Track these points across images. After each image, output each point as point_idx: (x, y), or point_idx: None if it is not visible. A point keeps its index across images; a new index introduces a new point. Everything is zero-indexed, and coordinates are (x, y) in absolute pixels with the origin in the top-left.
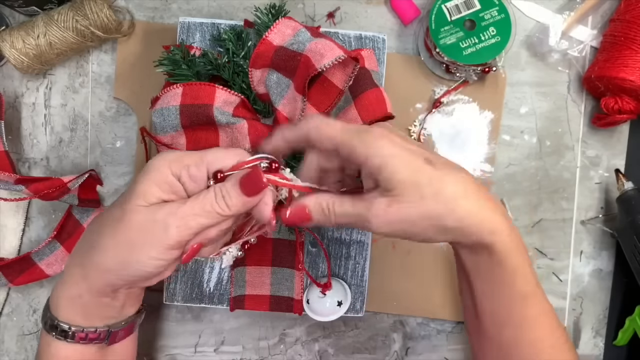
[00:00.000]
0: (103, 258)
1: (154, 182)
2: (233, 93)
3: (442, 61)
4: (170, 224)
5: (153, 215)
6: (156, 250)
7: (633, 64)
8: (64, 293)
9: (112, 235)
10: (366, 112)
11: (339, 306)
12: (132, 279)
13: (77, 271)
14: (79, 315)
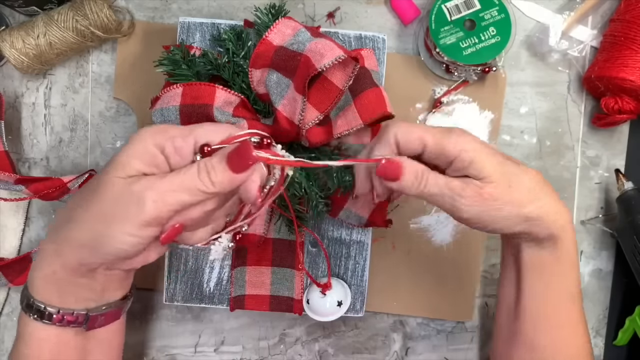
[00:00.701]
0: (76, 232)
1: (135, 153)
2: (233, 93)
3: (442, 61)
4: (147, 197)
5: (129, 187)
6: (130, 225)
7: (633, 64)
8: (38, 271)
9: (86, 207)
10: (366, 111)
11: (339, 306)
12: (107, 256)
13: (50, 247)
14: (54, 294)
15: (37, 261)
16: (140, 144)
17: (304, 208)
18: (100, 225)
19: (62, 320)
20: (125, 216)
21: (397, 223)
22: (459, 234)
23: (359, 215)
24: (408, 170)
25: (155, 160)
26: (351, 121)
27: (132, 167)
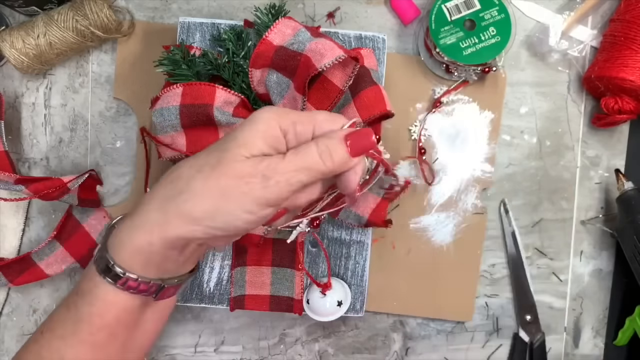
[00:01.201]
0: (191, 205)
1: (261, 134)
2: (233, 93)
3: (442, 61)
4: (271, 177)
5: (254, 166)
6: (251, 203)
7: (633, 64)
8: (132, 238)
9: (205, 181)
10: (365, 109)
11: (339, 306)
12: (215, 231)
13: (155, 217)
14: (139, 264)
15: (132, 226)
16: (265, 125)
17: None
18: (220, 201)
19: (135, 287)
20: (247, 194)
21: (397, 223)
22: (459, 234)
23: (359, 215)
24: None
25: (277, 142)
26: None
27: (256, 147)
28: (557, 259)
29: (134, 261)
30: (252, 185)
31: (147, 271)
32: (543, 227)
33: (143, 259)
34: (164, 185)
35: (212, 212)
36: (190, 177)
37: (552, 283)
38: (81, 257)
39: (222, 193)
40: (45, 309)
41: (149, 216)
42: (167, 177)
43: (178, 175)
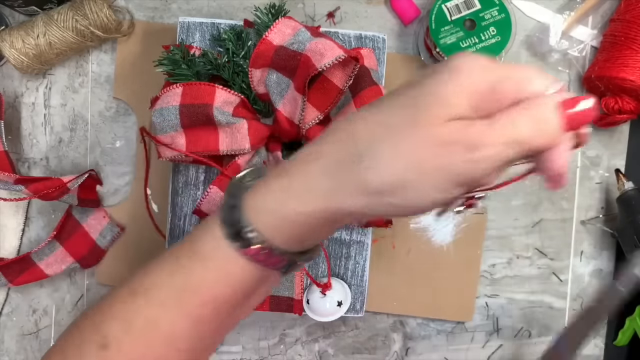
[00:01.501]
0: (374, 174)
1: (466, 89)
2: (233, 93)
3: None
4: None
5: (460, 132)
6: (449, 180)
7: (633, 64)
8: (286, 205)
9: (396, 146)
10: None
11: (339, 306)
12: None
13: (322, 184)
14: (282, 234)
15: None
16: (471, 79)
17: None
18: (410, 173)
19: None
20: (446, 168)
21: (397, 223)
22: (459, 234)
23: None
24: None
25: (481, 102)
26: None
27: (460, 106)
28: (557, 259)
29: (278, 231)
30: (454, 157)
31: (287, 243)
32: (543, 227)
33: (290, 230)
34: (334, 143)
35: (399, 186)
36: (374, 139)
37: (552, 283)
38: (81, 257)
39: (415, 163)
40: (44, 309)
41: (313, 182)
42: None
43: (354, 132)
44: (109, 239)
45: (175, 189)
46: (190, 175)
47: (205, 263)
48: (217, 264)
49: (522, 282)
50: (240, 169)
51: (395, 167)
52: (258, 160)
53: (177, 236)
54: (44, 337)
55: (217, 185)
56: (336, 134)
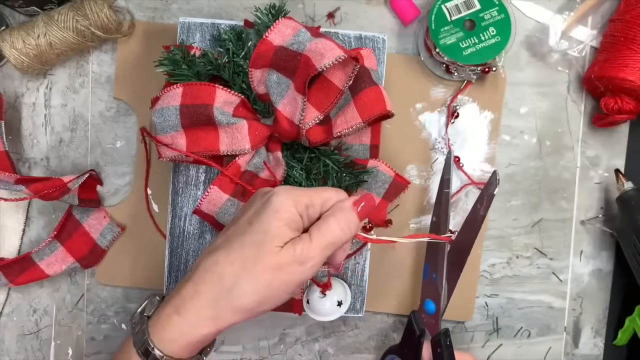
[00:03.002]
0: (241, 301)
1: (286, 223)
2: (233, 93)
3: (442, 61)
4: (306, 262)
5: (290, 256)
6: (294, 288)
7: (633, 64)
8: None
9: (251, 277)
10: (365, 109)
11: (339, 306)
12: (261, 313)
13: (208, 313)
14: (186, 350)
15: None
16: (287, 214)
17: None
18: (267, 292)
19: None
20: (289, 281)
21: (397, 223)
22: None
23: None
24: None
25: (298, 225)
26: (350, 120)
27: (286, 235)
28: (557, 259)
29: (182, 351)
30: (292, 273)
31: (190, 354)
32: (543, 227)
33: (190, 347)
34: (207, 284)
35: (261, 301)
36: (237, 275)
37: (552, 283)
38: (81, 257)
39: (268, 287)
40: (45, 309)
41: (201, 313)
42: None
43: (221, 273)
44: (109, 239)
45: (175, 189)
46: (191, 175)
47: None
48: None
49: (522, 281)
50: (241, 169)
51: (255, 292)
52: (258, 160)
53: (177, 236)
54: (45, 337)
55: (218, 185)
56: (207, 276)
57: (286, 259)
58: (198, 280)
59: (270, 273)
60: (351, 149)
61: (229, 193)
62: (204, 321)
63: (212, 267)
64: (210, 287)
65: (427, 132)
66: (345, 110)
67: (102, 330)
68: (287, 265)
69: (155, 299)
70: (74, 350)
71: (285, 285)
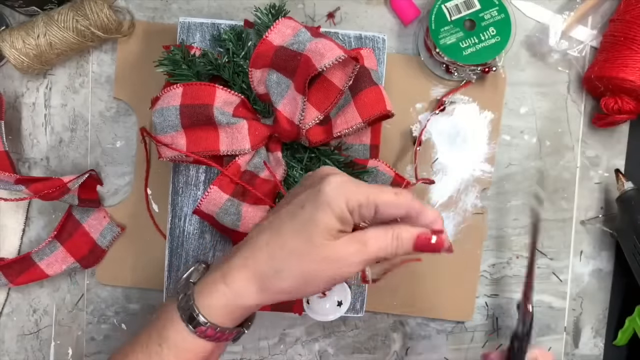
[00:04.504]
0: (286, 284)
1: (335, 216)
2: (233, 93)
3: (442, 61)
4: (356, 262)
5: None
6: (337, 281)
7: (633, 64)
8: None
9: (298, 266)
10: (365, 109)
11: (339, 306)
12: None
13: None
14: (229, 320)
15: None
16: (338, 209)
17: None
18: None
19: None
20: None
21: None
22: (459, 234)
23: None
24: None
25: (348, 221)
26: (350, 120)
27: (335, 228)
28: (557, 259)
29: (227, 319)
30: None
31: (233, 323)
32: (543, 227)
33: (234, 316)
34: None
35: (302, 287)
36: (284, 259)
37: (552, 283)
38: (81, 257)
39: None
40: (45, 309)
41: (247, 284)
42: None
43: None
44: (109, 239)
45: (175, 188)
46: (191, 175)
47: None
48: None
49: (522, 281)
50: (241, 169)
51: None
52: (258, 160)
53: (177, 236)
54: (45, 337)
55: (218, 185)
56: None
57: (336, 253)
58: (248, 254)
59: (316, 264)
60: (351, 149)
61: (229, 193)
62: (249, 292)
63: (264, 246)
64: (259, 264)
65: (427, 132)
66: (345, 110)
67: (102, 330)
68: (337, 258)
69: (201, 266)
70: (74, 350)
71: (326, 279)
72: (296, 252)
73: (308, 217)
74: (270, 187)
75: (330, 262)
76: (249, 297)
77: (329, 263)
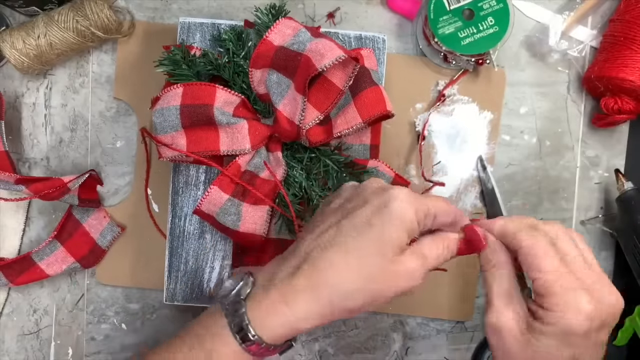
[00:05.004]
0: (352, 304)
1: (406, 231)
2: (233, 93)
3: (440, 50)
4: (419, 275)
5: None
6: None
7: (633, 64)
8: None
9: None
10: (365, 110)
11: None
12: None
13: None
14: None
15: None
16: (410, 224)
17: (303, 208)
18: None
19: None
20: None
21: None
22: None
23: None
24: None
25: (415, 234)
26: (350, 120)
27: (404, 242)
28: None
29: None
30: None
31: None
32: None
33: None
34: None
35: (367, 306)
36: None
37: None
38: (81, 257)
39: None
40: (45, 309)
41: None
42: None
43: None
44: (109, 239)
45: (175, 188)
46: (191, 175)
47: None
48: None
49: None
50: (241, 169)
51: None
52: (258, 160)
53: (177, 236)
54: (45, 337)
55: (218, 185)
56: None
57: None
58: (311, 274)
59: (385, 281)
60: (351, 149)
61: (229, 193)
62: (312, 316)
63: (329, 266)
64: (325, 287)
65: (427, 132)
66: (346, 111)
67: (102, 330)
68: (400, 277)
69: (249, 279)
70: (74, 350)
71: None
72: (368, 272)
73: (379, 234)
74: (270, 187)
75: (399, 278)
76: (310, 320)
77: (397, 279)
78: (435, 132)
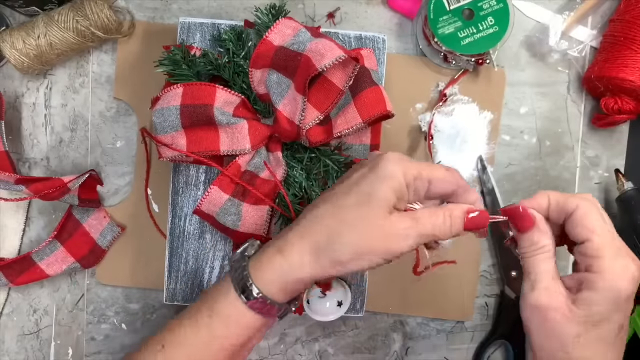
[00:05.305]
0: (340, 254)
1: (392, 189)
2: (233, 93)
3: (440, 50)
4: (409, 236)
5: (397, 225)
6: (390, 255)
7: (633, 64)
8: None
9: (355, 238)
10: (365, 110)
11: (339, 306)
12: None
13: (308, 260)
14: (279, 293)
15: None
16: (395, 181)
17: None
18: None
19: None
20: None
21: None
22: None
23: None
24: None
25: (403, 195)
26: (350, 120)
27: (391, 201)
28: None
29: (280, 292)
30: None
31: (284, 298)
32: None
33: (287, 290)
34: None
35: (356, 260)
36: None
37: None
38: (81, 257)
39: (367, 248)
40: (45, 309)
41: (303, 257)
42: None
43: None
44: (109, 238)
45: (175, 188)
46: (191, 175)
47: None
48: (233, 318)
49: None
50: (241, 169)
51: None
52: (258, 160)
53: (177, 236)
54: (45, 337)
55: (218, 185)
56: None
57: (392, 227)
58: (303, 230)
59: (371, 236)
60: (351, 149)
61: (229, 193)
62: (304, 264)
63: (319, 220)
64: (314, 237)
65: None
66: (346, 111)
67: (102, 330)
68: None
69: (256, 242)
70: (74, 350)
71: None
72: (353, 224)
73: (366, 190)
74: (270, 187)
75: (386, 235)
76: (304, 268)
77: (384, 236)
78: (435, 132)
